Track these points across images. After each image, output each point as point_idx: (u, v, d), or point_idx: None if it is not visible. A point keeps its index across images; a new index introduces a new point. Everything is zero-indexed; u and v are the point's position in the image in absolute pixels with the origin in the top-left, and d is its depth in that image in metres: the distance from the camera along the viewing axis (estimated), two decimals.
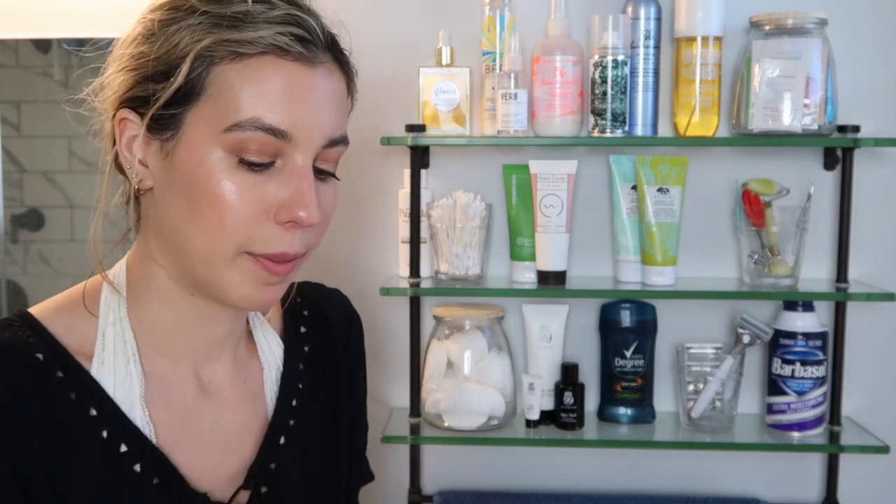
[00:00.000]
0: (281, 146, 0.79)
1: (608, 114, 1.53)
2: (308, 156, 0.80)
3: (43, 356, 0.80)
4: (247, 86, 0.78)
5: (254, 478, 0.90)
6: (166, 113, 0.80)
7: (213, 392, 0.90)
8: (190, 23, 0.79)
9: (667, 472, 1.71)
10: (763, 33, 1.54)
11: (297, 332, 1.00)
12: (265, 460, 0.91)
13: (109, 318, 0.85)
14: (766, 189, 1.59)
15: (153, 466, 0.83)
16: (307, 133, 0.79)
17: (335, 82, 0.84)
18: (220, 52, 0.78)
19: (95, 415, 0.81)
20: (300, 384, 0.97)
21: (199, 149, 0.79)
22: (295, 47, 0.79)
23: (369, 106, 1.66)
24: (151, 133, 0.81)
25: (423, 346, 1.64)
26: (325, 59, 0.82)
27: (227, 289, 0.81)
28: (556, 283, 1.58)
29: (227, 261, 0.80)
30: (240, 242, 0.79)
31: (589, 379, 1.67)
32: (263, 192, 0.78)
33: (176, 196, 0.80)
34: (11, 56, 1.69)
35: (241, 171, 0.78)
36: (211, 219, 0.78)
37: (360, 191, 1.69)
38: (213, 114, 0.78)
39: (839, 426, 1.60)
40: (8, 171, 1.69)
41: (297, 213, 0.79)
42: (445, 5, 1.65)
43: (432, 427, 1.61)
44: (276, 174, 0.79)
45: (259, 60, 0.78)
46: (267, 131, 0.77)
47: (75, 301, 0.86)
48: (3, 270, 1.70)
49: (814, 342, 1.57)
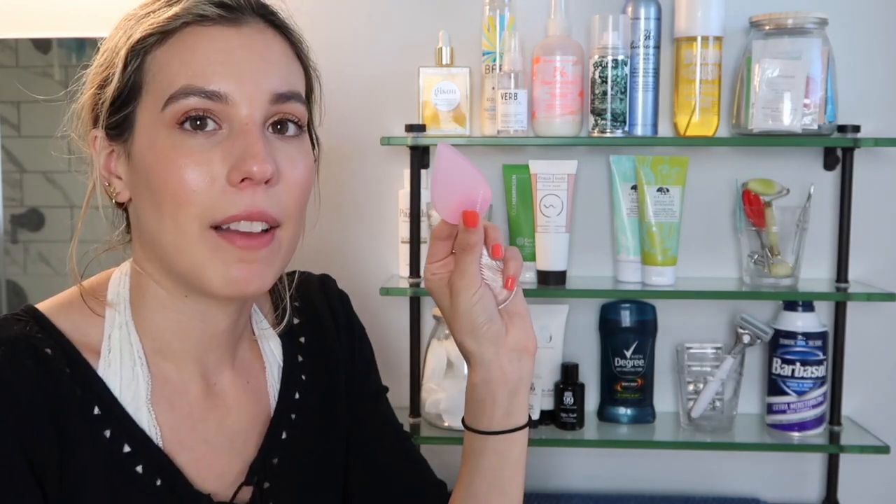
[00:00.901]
0: (221, 109, 0.78)
1: (608, 114, 1.53)
2: (252, 112, 0.79)
3: (51, 350, 0.80)
4: (174, 60, 0.79)
5: (255, 473, 0.90)
6: (119, 116, 0.81)
7: (218, 394, 0.90)
8: (123, 28, 0.82)
9: (667, 472, 1.71)
10: (763, 33, 1.54)
11: (291, 324, 0.99)
12: (267, 455, 0.91)
13: (115, 320, 0.85)
14: (766, 189, 1.59)
15: (156, 468, 0.83)
16: (244, 90, 0.78)
17: (268, 40, 0.82)
18: (149, 40, 0.80)
19: (98, 413, 0.81)
20: (302, 376, 0.97)
21: (148, 136, 0.79)
22: (213, 11, 0.79)
23: (369, 106, 1.67)
24: (113, 141, 0.83)
25: (423, 346, 1.64)
26: (253, 20, 0.82)
27: (204, 274, 0.79)
28: (556, 283, 1.58)
29: (195, 240, 0.78)
30: (200, 215, 0.78)
31: (589, 379, 1.67)
32: (212, 157, 0.78)
33: (142, 193, 0.81)
34: (11, 56, 1.69)
35: (186, 142, 0.78)
36: (169, 198, 0.78)
37: (360, 191, 1.69)
38: (153, 99, 0.79)
39: (839, 426, 1.60)
40: (8, 171, 1.69)
41: (247, 166, 0.77)
42: (445, 5, 1.65)
43: (432, 427, 1.61)
44: (223, 139, 0.78)
45: (182, 33, 0.79)
46: (200, 95, 0.77)
47: (81, 300, 0.86)
48: (3, 270, 1.70)
49: (814, 342, 1.57)
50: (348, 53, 1.66)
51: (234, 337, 0.91)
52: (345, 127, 1.64)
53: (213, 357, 0.89)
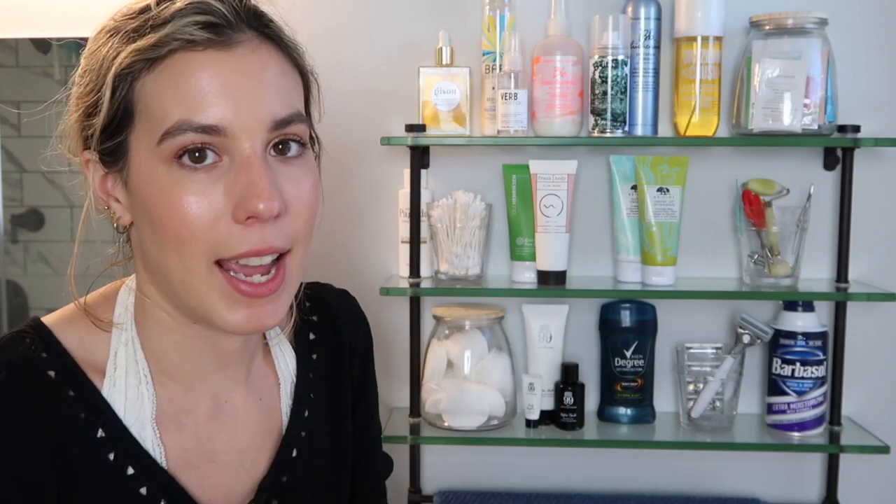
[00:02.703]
0: (221, 143, 0.74)
1: (608, 114, 1.53)
2: (253, 144, 0.75)
3: (55, 373, 0.79)
4: (166, 91, 0.74)
5: (265, 491, 0.89)
6: (112, 143, 0.77)
7: (228, 412, 0.88)
8: (107, 47, 0.77)
9: (667, 472, 1.71)
10: (763, 33, 1.54)
11: (306, 340, 0.97)
12: (277, 473, 0.90)
13: (122, 338, 0.83)
14: (766, 189, 1.59)
15: (160, 489, 0.82)
16: (241, 121, 0.74)
17: (263, 58, 0.77)
18: (136, 65, 0.75)
19: (103, 436, 0.80)
20: (311, 394, 0.96)
21: (145, 169, 0.76)
22: (201, 35, 0.74)
23: (369, 106, 1.67)
24: (107, 167, 0.79)
25: (423, 346, 1.64)
26: (244, 38, 0.76)
27: (213, 312, 0.77)
28: (556, 283, 1.57)
29: (201, 278, 0.76)
30: (206, 252, 0.75)
31: (589, 379, 1.67)
32: (214, 193, 0.74)
33: (143, 223, 0.78)
34: (11, 56, 1.69)
35: (186, 179, 0.74)
36: (172, 236, 0.75)
37: (360, 191, 1.69)
38: (147, 130, 0.75)
39: (839, 426, 1.60)
40: (8, 171, 1.69)
41: (253, 206, 0.73)
42: (445, 5, 1.65)
43: (432, 427, 1.61)
44: (224, 173, 0.75)
45: (171, 60, 0.74)
46: (197, 131, 0.73)
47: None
48: (3, 270, 1.70)
49: (814, 342, 1.57)
50: (348, 54, 1.66)
51: (247, 354, 0.89)
52: (345, 127, 1.64)
53: (224, 376, 0.88)
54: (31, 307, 1.71)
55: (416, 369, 1.62)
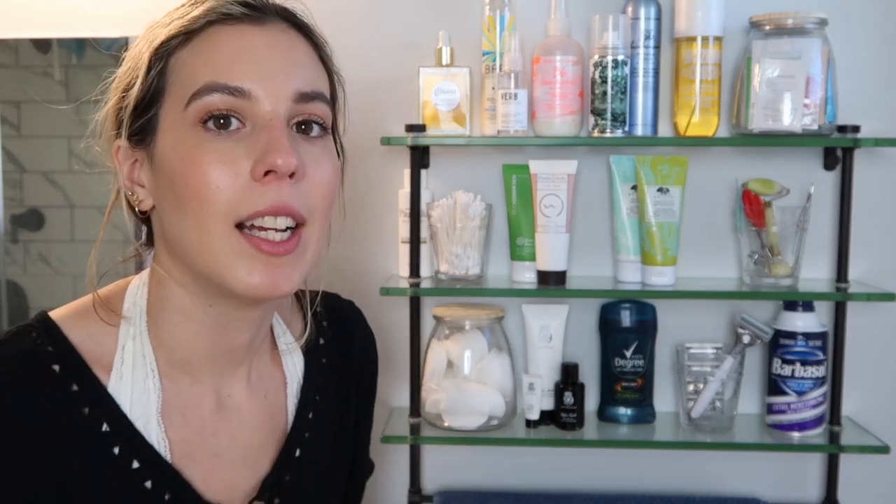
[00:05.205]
0: (245, 107, 0.77)
1: (608, 114, 1.53)
2: (276, 108, 0.78)
3: (59, 368, 0.79)
4: (198, 59, 0.78)
5: (268, 489, 0.89)
6: (142, 120, 0.80)
7: (231, 407, 0.89)
8: (147, 36, 0.82)
9: (667, 472, 1.71)
10: (763, 33, 1.54)
11: (316, 343, 0.98)
12: (281, 472, 0.91)
13: (130, 332, 0.84)
14: (766, 189, 1.59)
15: (165, 482, 0.82)
16: (268, 87, 0.78)
17: (292, 39, 0.82)
18: (172, 42, 0.79)
19: (108, 430, 0.80)
20: (317, 396, 0.97)
21: (171, 136, 0.79)
22: (238, 9, 0.79)
23: (369, 106, 1.67)
24: (136, 146, 0.82)
25: (423, 346, 1.64)
26: (276, 21, 0.81)
27: (229, 275, 0.78)
28: (556, 283, 1.57)
29: (220, 242, 0.77)
30: (225, 212, 0.76)
31: (589, 379, 1.67)
32: (236, 154, 0.76)
33: (166, 196, 0.80)
34: (11, 56, 1.69)
35: (210, 140, 0.77)
36: (193, 197, 0.76)
37: (360, 191, 1.69)
38: (177, 99, 0.78)
39: (839, 426, 1.60)
40: (8, 171, 1.69)
41: (271, 159, 0.75)
42: (445, 5, 1.65)
43: (432, 427, 1.61)
44: (246, 136, 0.77)
45: (206, 33, 0.79)
46: (223, 91, 0.76)
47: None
48: (3, 270, 1.70)
49: (814, 342, 1.57)
50: (348, 54, 1.65)
51: (251, 351, 0.90)
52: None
53: (226, 370, 0.88)
54: (31, 307, 1.71)
55: (416, 369, 1.62)
